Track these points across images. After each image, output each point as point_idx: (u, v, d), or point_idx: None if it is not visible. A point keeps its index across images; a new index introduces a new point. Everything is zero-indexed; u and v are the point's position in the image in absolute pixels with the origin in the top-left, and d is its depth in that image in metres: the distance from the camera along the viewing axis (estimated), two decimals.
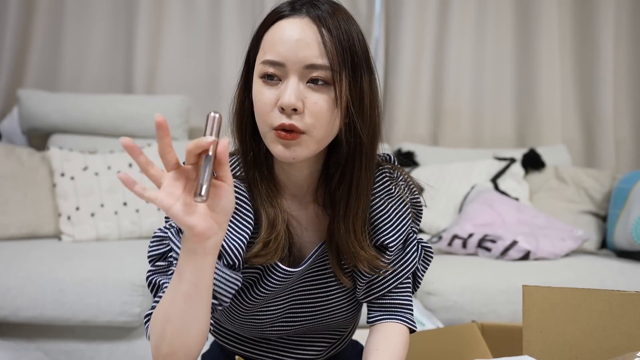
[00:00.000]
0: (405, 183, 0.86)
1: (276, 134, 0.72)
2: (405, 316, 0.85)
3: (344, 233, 0.79)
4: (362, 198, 0.79)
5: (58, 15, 2.59)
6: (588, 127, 2.69)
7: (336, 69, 0.71)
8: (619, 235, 1.89)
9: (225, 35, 2.58)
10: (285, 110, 0.70)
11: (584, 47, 2.68)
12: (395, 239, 0.83)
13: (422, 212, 0.90)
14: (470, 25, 2.65)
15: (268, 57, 0.72)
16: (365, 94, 0.75)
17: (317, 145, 0.74)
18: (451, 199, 2.20)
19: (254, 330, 0.87)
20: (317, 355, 0.93)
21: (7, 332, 1.64)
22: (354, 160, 0.77)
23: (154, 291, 0.78)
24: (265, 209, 0.78)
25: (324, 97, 0.72)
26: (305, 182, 0.82)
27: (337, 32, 0.72)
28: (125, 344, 1.65)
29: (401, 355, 0.81)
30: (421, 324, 1.47)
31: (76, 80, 2.61)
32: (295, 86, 0.71)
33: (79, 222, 1.96)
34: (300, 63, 0.71)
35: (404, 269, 0.86)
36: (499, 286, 1.60)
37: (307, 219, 0.83)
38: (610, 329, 0.82)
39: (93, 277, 1.60)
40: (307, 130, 0.72)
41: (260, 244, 0.76)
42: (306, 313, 0.87)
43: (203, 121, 2.64)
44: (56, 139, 2.32)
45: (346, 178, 0.78)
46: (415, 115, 2.66)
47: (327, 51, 0.71)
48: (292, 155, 0.72)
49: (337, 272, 0.82)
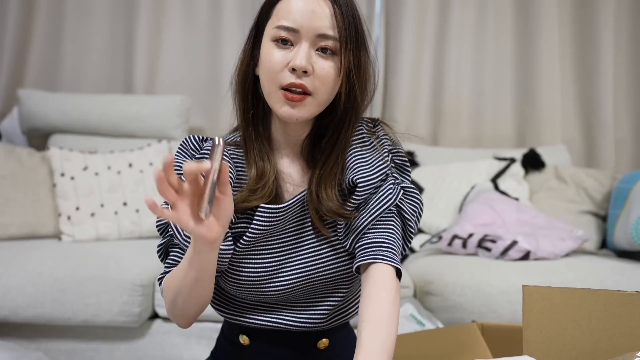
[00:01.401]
0: (388, 137, 0.93)
1: (283, 94, 0.80)
2: (385, 254, 0.82)
3: (316, 183, 0.87)
4: (340, 153, 0.88)
5: (58, 15, 2.59)
6: (588, 127, 2.69)
7: (343, 42, 0.81)
8: (619, 235, 1.89)
9: (225, 35, 2.58)
10: (297, 71, 0.79)
11: (584, 47, 2.68)
12: (365, 179, 0.87)
13: (407, 163, 0.94)
14: (471, 25, 2.65)
15: (283, 22, 0.81)
16: (362, 66, 0.85)
17: (319, 108, 0.83)
18: (451, 199, 2.20)
19: (252, 289, 0.88)
20: (319, 320, 0.92)
21: (7, 332, 1.64)
22: (344, 122, 0.86)
23: (163, 257, 0.90)
24: (255, 162, 0.87)
25: (330, 64, 0.81)
26: (298, 141, 0.90)
27: (347, 10, 0.82)
28: (125, 344, 1.65)
29: (388, 313, 0.77)
30: (421, 324, 1.47)
31: (76, 80, 2.61)
32: (307, 51, 0.80)
33: (79, 222, 1.96)
34: (313, 31, 0.80)
35: (379, 203, 0.86)
36: (499, 286, 1.60)
37: (297, 175, 0.91)
38: (610, 329, 0.82)
39: (93, 277, 1.60)
40: (314, 92, 0.81)
41: (247, 190, 0.85)
42: (298, 267, 0.88)
43: (203, 121, 2.66)
44: (56, 139, 2.32)
45: (333, 137, 0.87)
46: (415, 115, 2.66)
47: (338, 24, 0.81)
48: (297, 115, 0.81)
49: (316, 222, 0.87)
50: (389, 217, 0.87)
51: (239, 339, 0.93)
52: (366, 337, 0.75)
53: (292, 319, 0.91)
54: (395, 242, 0.84)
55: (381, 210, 0.85)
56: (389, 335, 0.75)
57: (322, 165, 0.87)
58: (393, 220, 0.87)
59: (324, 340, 0.94)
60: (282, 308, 0.91)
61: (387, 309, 0.77)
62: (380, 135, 0.93)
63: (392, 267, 0.81)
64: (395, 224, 0.86)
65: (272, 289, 0.88)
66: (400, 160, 0.93)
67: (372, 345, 0.74)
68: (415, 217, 0.90)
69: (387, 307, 0.77)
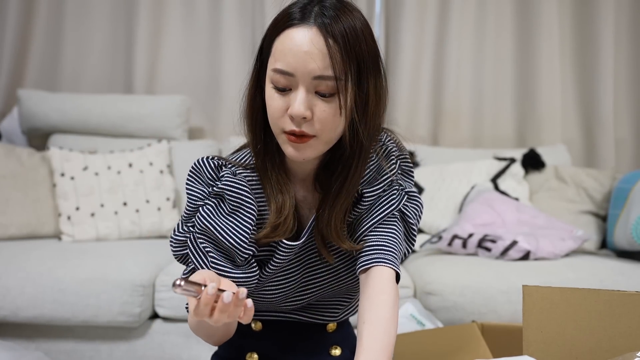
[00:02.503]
0: (394, 142, 0.93)
1: (287, 137, 0.79)
2: (386, 257, 0.84)
3: (326, 221, 0.86)
4: (351, 192, 0.86)
5: (58, 15, 2.59)
6: (588, 127, 2.69)
7: (341, 78, 0.76)
8: (619, 235, 1.89)
9: (225, 35, 2.58)
10: (295, 119, 0.77)
11: (584, 47, 2.68)
12: (371, 190, 0.89)
13: (412, 168, 0.95)
14: (470, 25, 2.65)
15: (279, 66, 0.77)
16: (370, 98, 0.80)
17: (325, 147, 0.82)
18: (451, 199, 2.20)
19: (269, 304, 0.93)
20: (330, 316, 0.98)
21: (7, 332, 1.64)
22: (354, 158, 0.84)
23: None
24: (274, 196, 0.86)
25: (331, 105, 0.78)
26: (311, 171, 0.90)
27: (344, 40, 0.76)
28: (125, 344, 1.65)
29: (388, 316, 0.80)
30: (421, 324, 1.47)
31: (76, 80, 2.61)
32: (305, 97, 0.77)
33: (79, 222, 1.96)
34: (309, 75, 0.76)
35: (382, 208, 0.88)
36: (499, 286, 1.60)
37: (312, 201, 0.91)
38: (610, 329, 0.82)
39: (93, 277, 1.60)
40: (317, 134, 0.79)
41: (269, 228, 0.84)
42: (316, 284, 0.92)
43: (203, 121, 2.67)
44: (56, 139, 2.32)
45: (343, 173, 0.85)
46: (415, 115, 2.66)
47: (334, 62, 0.75)
48: (302, 156, 0.80)
49: (321, 249, 0.88)
50: (392, 221, 0.89)
51: (250, 326, 0.97)
52: (367, 339, 0.78)
53: (304, 315, 0.97)
54: (396, 246, 0.86)
55: (384, 215, 0.88)
56: (389, 337, 0.78)
57: (335, 199, 0.85)
58: (395, 224, 0.89)
59: (331, 325, 0.99)
60: (295, 309, 0.96)
61: (387, 312, 0.80)
62: (386, 141, 0.92)
63: (392, 270, 0.83)
64: (397, 228, 0.89)
65: (289, 303, 0.93)
66: (406, 166, 0.94)
67: (372, 346, 0.77)
68: (416, 219, 0.92)
69: (387, 309, 0.80)
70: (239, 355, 0.97)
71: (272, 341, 0.96)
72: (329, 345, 0.99)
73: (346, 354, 1.00)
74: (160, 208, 2.06)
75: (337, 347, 0.99)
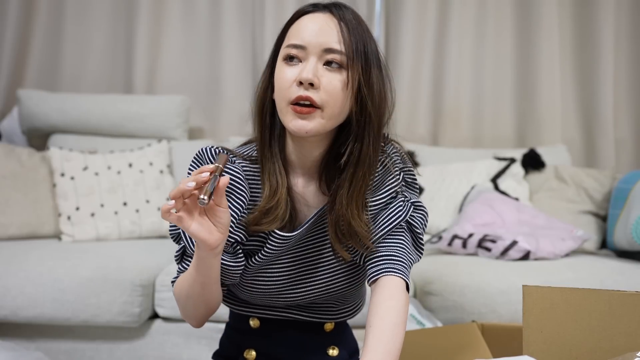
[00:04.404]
0: (399, 155, 0.95)
1: (292, 108, 0.82)
2: (395, 267, 0.86)
3: (345, 208, 0.86)
4: (367, 175, 0.87)
5: (58, 15, 2.59)
6: (588, 127, 2.69)
7: (350, 56, 0.82)
8: (619, 235, 1.89)
9: (225, 35, 2.58)
10: (304, 83, 0.81)
11: (584, 47, 2.67)
12: (375, 199, 0.90)
13: (415, 179, 0.97)
14: (470, 25, 2.65)
15: (292, 41, 0.84)
16: (374, 83, 0.85)
17: (329, 122, 0.84)
18: (451, 199, 2.20)
19: (263, 297, 0.93)
20: (327, 316, 0.99)
21: (7, 332, 1.64)
22: (362, 137, 0.85)
23: (178, 261, 0.93)
24: (269, 180, 0.88)
25: (337, 77, 0.82)
26: (314, 162, 0.91)
27: (354, 29, 0.84)
28: (125, 344, 1.65)
29: (395, 321, 0.80)
30: (421, 324, 1.47)
31: (76, 80, 2.61)
32: (314, 65, 0.82)
33: (79, 222, 1.96)
34: (320, 46, 0.82)
35: (389, 220, 0.89)
36: (499, 286, 1.60)
37: (311, 196, 0.92)
38: (610, 329, 0.82)
39: (93, 277, 1.60)
40: (322, 105, 0.82)
41: (259, 212, 0.86)
42: (310, 283, 0.93)
43: (203, 121, 2.67)
44: (56, 139, 2.32)
45: (354, 156, 0.86)
46: (415, 115, 2.66)
47: (344, 40, 0.82)
48: (306, 127, 0.82)
49: (336, 246, 0.89)
50: (399, 232, 0.90)
51: (249, 323, 0.98)
52: (371, 342, 0.78)
53: (301, 314, 0.97)
54: (405, 256, 0.88)
55: (392, 227, 0.89)
56: (395, 343, 0.79)
57: (349, 191, 0.86)
58: (403, 235, 0.90)
59: (329, 325, 1.00)
60: (292, 307, 0.97)
61: (394, 318, 0.81)
62: (391, 153, 0.94)
63: (402, 279, 0.85)
64: (405, 238, 0.90)
65: (283, 299, 0.94)
66: (410, 179, 0.96)
67: (376, 349, 0.77)
68: (423, 228, 0.94)
69: (394, 315, 0.81)
70: (238, 352, 0.98)
71: (270, 338, 0.97)
72: (327, 345, 1.00)
73: (344, 355, 1.00)
74: (160, 208, 2.06)
75: (334, 347, 1.00)
